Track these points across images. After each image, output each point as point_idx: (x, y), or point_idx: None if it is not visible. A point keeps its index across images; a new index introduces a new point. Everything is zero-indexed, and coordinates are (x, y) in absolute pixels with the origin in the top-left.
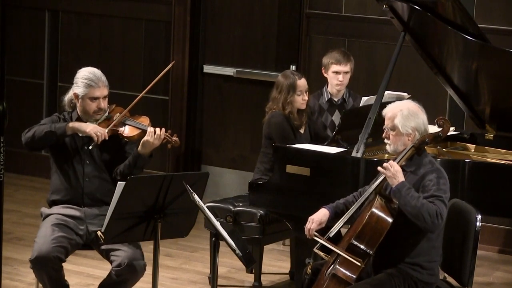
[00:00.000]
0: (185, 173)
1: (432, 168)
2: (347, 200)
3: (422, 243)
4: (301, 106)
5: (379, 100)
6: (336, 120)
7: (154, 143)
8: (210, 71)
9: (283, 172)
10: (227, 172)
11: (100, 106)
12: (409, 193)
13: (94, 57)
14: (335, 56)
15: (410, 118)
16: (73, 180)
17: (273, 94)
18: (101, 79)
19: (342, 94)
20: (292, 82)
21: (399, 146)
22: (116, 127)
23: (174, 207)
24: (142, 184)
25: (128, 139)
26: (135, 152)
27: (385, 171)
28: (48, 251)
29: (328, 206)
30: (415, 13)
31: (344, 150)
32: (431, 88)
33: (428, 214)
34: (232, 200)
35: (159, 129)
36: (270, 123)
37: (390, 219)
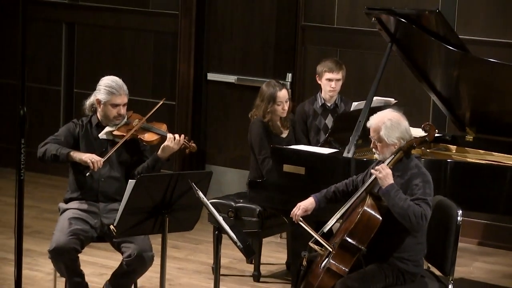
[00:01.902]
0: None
1: (418, 172)
2: (337, 188)
3: (408, 239)
4: (281, 115)
5: (369, 105)
6: (329, 123)
7: (174, 148)
8: (214, 79)
9: (281, 171)
10: (229, 171)
11: (120, 113)
12: (397, 195)
13: (107, 65)
14: (328, 65)
15: (393, 128)
16: (89, 180)
17: (257, 102)
18: (122, 87)
19: (335, 99)
20: (273, 93)
21: (387, 154)
22: (137, 132)
23: (180, 203)
24: (151, 182)
25: (148, 144)
26: (155, 156)
27: (377, 173)
28: (65, 242)
29: (316, 196)
30: (401, 25)
31: (336, 150)
32: (416, 94)
33: (414, 215)
34: (233, 196)
35: (178, 135)
36: (250, 131)
37: (380, 217)
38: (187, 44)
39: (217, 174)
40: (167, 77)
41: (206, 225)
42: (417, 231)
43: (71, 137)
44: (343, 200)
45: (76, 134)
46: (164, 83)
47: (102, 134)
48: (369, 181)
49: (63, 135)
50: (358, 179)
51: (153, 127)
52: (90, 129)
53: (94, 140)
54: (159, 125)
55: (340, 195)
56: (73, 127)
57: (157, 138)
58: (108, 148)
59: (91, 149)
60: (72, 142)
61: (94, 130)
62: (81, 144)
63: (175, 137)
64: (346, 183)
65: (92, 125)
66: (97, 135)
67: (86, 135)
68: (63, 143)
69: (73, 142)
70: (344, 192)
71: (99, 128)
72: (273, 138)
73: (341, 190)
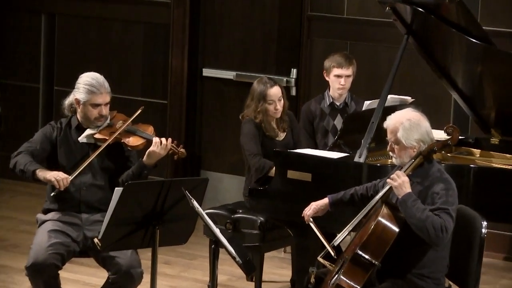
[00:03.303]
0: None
1: (439, 179)
2: (356, 191)
3: (429, 253)
4: (274, 115)
5: (382, 104)
6: (338, 125)
7: (160, 154)
8: (210, 75)
9: (284, 178)
10: (227, 177)
11: (102, 113)
12: (414, 204)
13: (91, 60)
14: (337, 60)
15: (412, 130)
16: (69, 189)
17: (247, 101)
18: (103, 85)
19: (344, 98)
20: (263, 90)
21: (405, 159)
22: (121, 136)
23: (172, 214)
24: (140, 190)
25: (133, 149)
26: (140, 163)
27: (392, 182)
28: (44, 258)
29: (332, 197)
30: (419, 15)
31: (346, 155)
32: (435, 91)
33: (433, 227)
34: (231, 206)
35: (165, 139)
36: (241, 132)
37: (396, 229)
38: (181, 36)
39: (213, 181)
40: (158, 73)
41: (201, 238)
42: (438, 245)
43: (48, 142)
44: (362, 205)
45: (53, 139)
46: (155, 80)
47: (83, 138)
48: (385, 190)
49: (38, 142)
50: (380, 184)
51: (138, 130)
52: (70, 132)
53: (74, 145)
54: (144, 127)
55: (358, 199)
56: (50, 131)
57: (142, 142)
58: (89, 153)
59: (70, 155)
60: (49, 148)
61: (74, 133)
62: (59, 149)
63: (161, 141)
64: (367, 187)
65: (71, 127)
66: (77, 138)
67: (65, 139)
68: (39, 152)
69: (50, 148)
70: (363, 196)
71: (79, 131)
72: (266, 142)
73: (360, 194)
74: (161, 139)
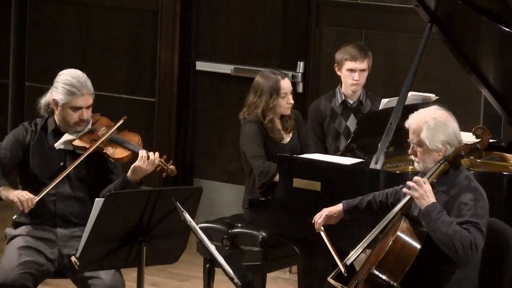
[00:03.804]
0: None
1: (468, 187)
2: (375, 198)
3: (455, 273)
4: (286, 111)
5: (402, 102)
6: (352, 126)
7: (147, 169)
8: (204, 69)
9: (289, 187)
10: (224, 187)
11: (83, 117)
12: (439, 217)
13: (68, 52)
14: (350, 51)
15: (438, 130)
16: (42, 201)
17: (250, 99)
18: (85, 85)
19: (358, 95)
20: (275, 82)
21: (429, 164)
22: (103, 145)
23: (161, 228)
24: (123, 201)
25: (116, 161)
26: (124, 178)
27: (412, 192)
28: (14, 278)
29: (346, 203)
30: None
31: (361, 161)
32: (462, 88)
33: (461, 244)
34: (229, 220)
35: (153, 154)
36: (241, 133)
37: (418, 245)
38: (171, 25)
39: (208, 191)
40: (145, 67)
41: (194, 256)
42: (466, 264)
43: (19, 148)
44: (380, 214)
45: (26, 144)
46: (141, 75)
47: (60, 144)
48: (404, 200)
49: (8, 148)
50: (402, 191)
51: (124, 140)
52: (45, 136)
53: (49, 151)
54: (130, 136)
55: (376, 207)
56: (22, 134)
57: (127, 155)
58: (66, 162)
59: (45, 163)
60: (21, 155)
61: (50, 137)
62: (32, 156)
63: (148, 155)
64: (387, 194)
65: (47, 130)
66: (54, 144)
67: (40, 144)
68: (9, 159)
69: (22, 154)
70: (383, 204)
71: (56, 136)
72: (270, 146)
73: (379, 201)
74: (149, 153)
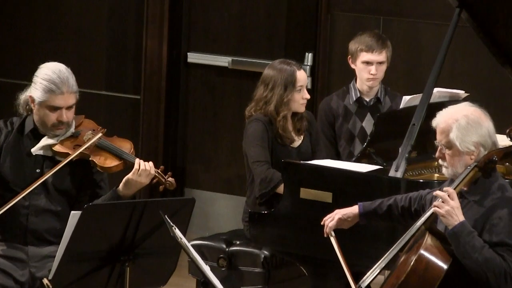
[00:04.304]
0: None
1: (503, 199)
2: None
3: None
4: (300, 107)
5: (426, 100)
6: (368, 127)
7: (142, 182)
8: (197, 61)
9: (296, 198)
10: (221, 198)
11: (62, 119)
12: (469, 240)
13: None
14: (366, 41)
15: (470, 129)
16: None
17: (259, 93)
18: (66, 82)
19: (376, 92)
20: (290, 73)
21: (459, 169)
22: (89, 151)
23: (147, 246)
24: (103, 214)
25: (104, 171)
26: (115, 192)
27: (438, 209)
28: None
29: (363, 206)
30: None
31: (378, 168)
32: (496, 84)
33: (493, 274)
34: (226, 236)
35: (147, 163)
36: (246, 132)
37: (444, 265)
38: (158, 11)
39: (202, 202)
40: (128, 59)
41: (185, 278)
42: None
43: None
44: (402, 221)
45: None
46: (124, 68)
47: (37, 149)
48: (428, 214)
49: None
50: (427, 197)
51: (114, 147)
52: (22, 138)
53: (25, 156)
54: (121, 142)
55: (398, 213)
56: None
57: (117, 164)
58: (44, 169)
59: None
60: None
61: (27, 139)
62: (3, 160)
63: (143, 165)
64: (411, 199)
65: (24, 131)
66: (31, 148)
67: (15, 146)
68: None
69: None
70: (405, 210)
71: (34, 138)
72: (278, 150)
73: (401, 206)
74: (145, 162)
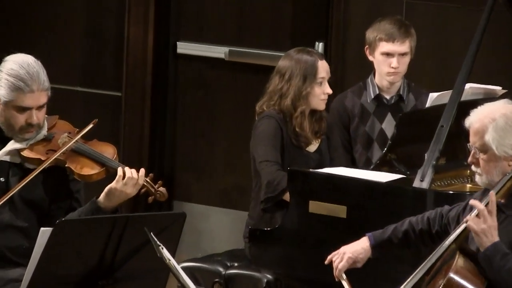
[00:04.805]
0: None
1: None
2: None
3: None
4: (320, 104)
5: (457, 98)
6: (389, 130)
7: (127, 193)
8: (188, 52)
9: (304, 212)
10: (216, 212)
11: (32, 121)
12: (504, 264)
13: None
14: (386, 29)
15: (509, 131)
16: None
17: (273, 85)
18: (37, 78)
19: (398, 88)
20: (311, 63)
21: (495, 176)
22: (65, 157)
23: (130, 268)
24: (79, 231)
25: (82, 179)
26: (94, 204)
27: (472, 225)
28: None
29: (372, 237)
30: None
31: (401, 177)
32: None
33: None
34: (223, 257)
35: (136, 171)
36: (255, 129)
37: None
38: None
39: (194, 218)
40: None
41: None
42: None
43: None
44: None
45: None
46: (103, 61)
47: (2, 154)
48: (459, 231)
49: None
50: (450, 215)
51: (94, 152)
52: None
53: None
54: (102, 147)
55: (416, 238)
56: None
57: (99, 171)
58: (10, 178)
59: None
60: None
61: None
62: None
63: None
64: (430, 219)
65: None
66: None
67: None
68: None
69: None
70: (424, 233)
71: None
72: (292, 152)
73: (419, 230)
74: (131, 170)
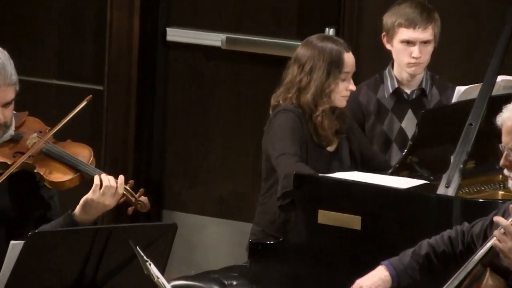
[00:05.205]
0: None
1: None
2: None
3: None
4: (342, 101)
5: (487, 92)
6: (409, 129)
7: (105, 204)
8: (180, 39)
9: (312, 223)
10: (211, 223)
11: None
12: None
13: None
14: (407, 13)
15: None
16: None
17: (292, 75)
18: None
19: (419, 81)
20: (337, 54)
21: None
22: (34, 161)
23: (113, 287)
24: (55, 245)
25: (54, 187)
26: (69, 217)
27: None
28: None
29: (390, 265)
30: None
31: (423, 182)
32: None
33: None
34: (219, 274)
35: (113, 179)
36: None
37: None
38: None
39: (187, 229)
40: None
41: None
42: None
43: None
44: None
45: None
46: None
47: None
48: (487, 247)
49: None
50: (474, 232)
51: (67, 155)
52: None
53: None
54: (76, 148)
55: (439, 262)
56: None
57: (71, 177)
58: None
59: None
60: None
61: None
62: None
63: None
64: (451, 239)
65: None
66: None
67: None
68: None
69: None
70: (447, 256)
71: None
72: (313, 150)
73: (442, 251)
74: (108, 176)
